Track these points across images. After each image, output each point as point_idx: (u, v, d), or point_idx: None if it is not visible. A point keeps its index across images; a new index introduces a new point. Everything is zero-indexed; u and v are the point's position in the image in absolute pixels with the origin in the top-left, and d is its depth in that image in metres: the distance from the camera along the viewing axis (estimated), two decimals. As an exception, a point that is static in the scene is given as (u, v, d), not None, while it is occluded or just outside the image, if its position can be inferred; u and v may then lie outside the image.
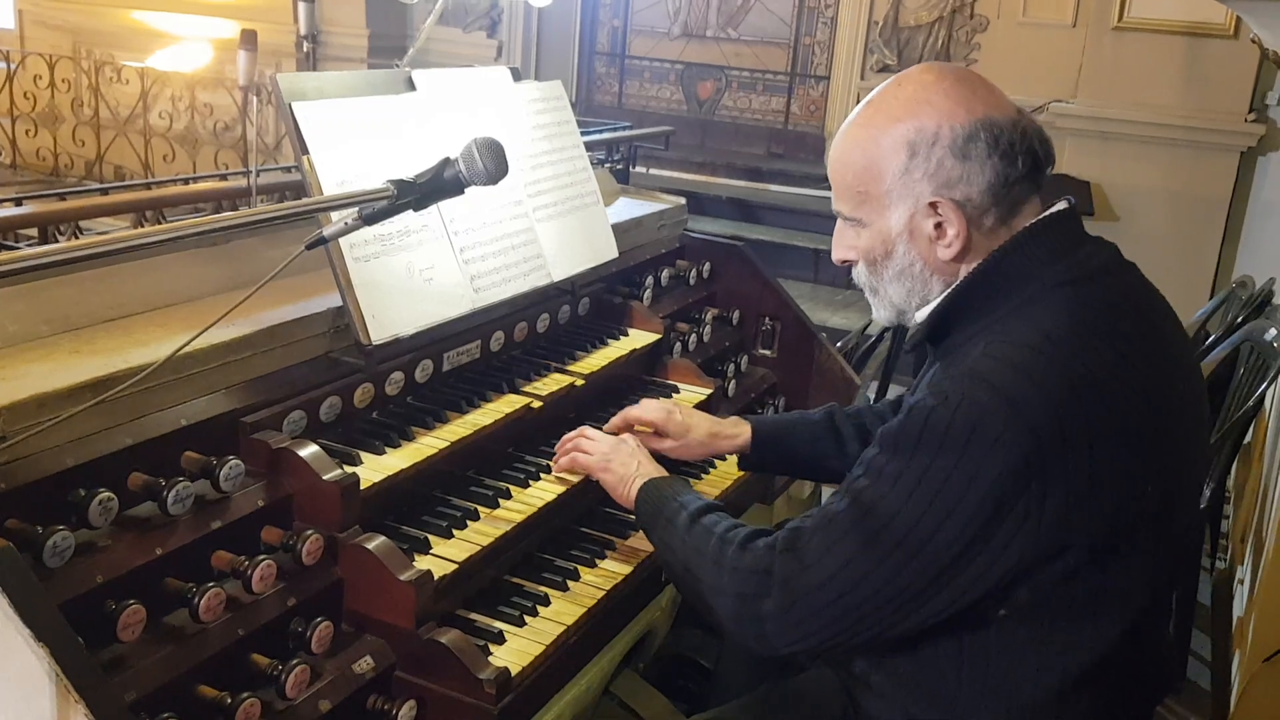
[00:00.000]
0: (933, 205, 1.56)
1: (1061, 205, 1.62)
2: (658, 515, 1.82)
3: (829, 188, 1.73)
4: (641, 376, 2.60)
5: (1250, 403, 3.12)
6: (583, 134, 2.69)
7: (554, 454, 2.13)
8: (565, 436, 2.11)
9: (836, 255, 1.73)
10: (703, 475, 2.37)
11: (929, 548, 1.45)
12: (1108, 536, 1.48)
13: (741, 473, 2.35)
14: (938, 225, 1.58)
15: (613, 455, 2.00)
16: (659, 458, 2.05)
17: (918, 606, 1.50)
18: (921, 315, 1.67)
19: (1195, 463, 1.65)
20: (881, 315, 1.74)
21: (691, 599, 1.75)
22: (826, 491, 2.88)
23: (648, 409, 2.16)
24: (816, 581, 1.52)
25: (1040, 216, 1.60)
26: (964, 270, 1.61)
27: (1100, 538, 1.48)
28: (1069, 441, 1.43)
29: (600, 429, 2.13)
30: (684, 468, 2.31)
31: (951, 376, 1.51)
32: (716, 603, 1.64)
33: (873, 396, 3.96)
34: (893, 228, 1.61)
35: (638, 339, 2.59)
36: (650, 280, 2.75)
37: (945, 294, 1.63)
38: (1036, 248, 1.57)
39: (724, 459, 2.38)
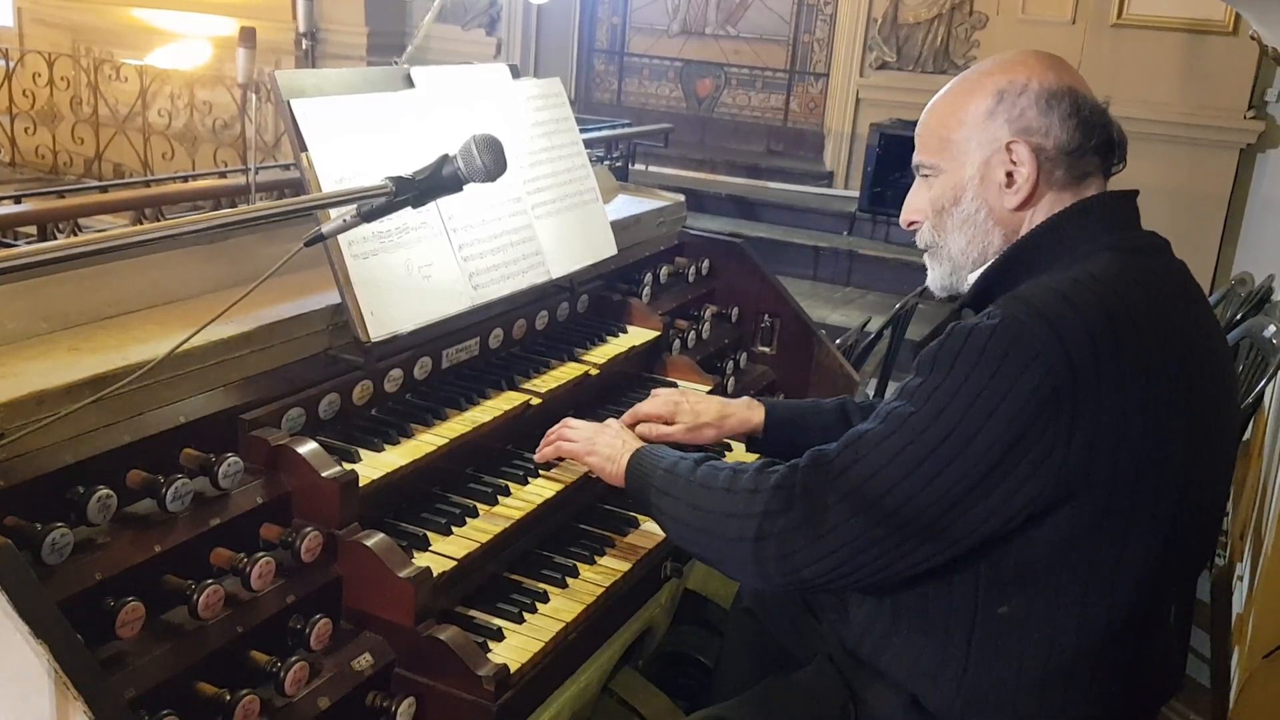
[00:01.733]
0: (1009, 148, 1.63)
1: (1127, 189, 1.68)
2: (653, 473, 1.81)
3: (828, 184, 1.76)
4: (641, 374, 2.60)
5: (1249, 399, 3.12)
6: (581, 131, 2.69)
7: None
8: (549, 431, 2.10)
9: (904, 217, 1.78)
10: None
11: (953, 467, 1.46)
12: (1125, 491, 1.48)
13: (753, 456, 2.33)
14: (1009, 174, 1.64)
15: (596, 437, 1.99)
16: (672, 445, 2.04)
17: (934, 534, 1.49)
18: (974, 277, 1.71)
19: (1221, 451, 1.66)
20: (936, 275, 1.76)
21: (696, 539, 1.71)
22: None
23: (655, 402, 2.15)
24: (839, 494, 1.52)
25: (1106, 193, 1.66)
26: (1026, 226, 1.66)
27: (1118, 490, 1.48)
28: (1102, 373, 1.45)
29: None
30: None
31: (996, 303, 1.53)
32: (730, 529, 1.61)
33: (871, 394, 3.96)
34: (966, 172, 1.67)
35: (637, 336, 2.59)
36: (649, 277, 2.75)
37: (1003, 250, 1.67)
38: (1095, 217, 1.63)
39: (731, 446, 2.38)
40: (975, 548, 1.53)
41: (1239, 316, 4.12)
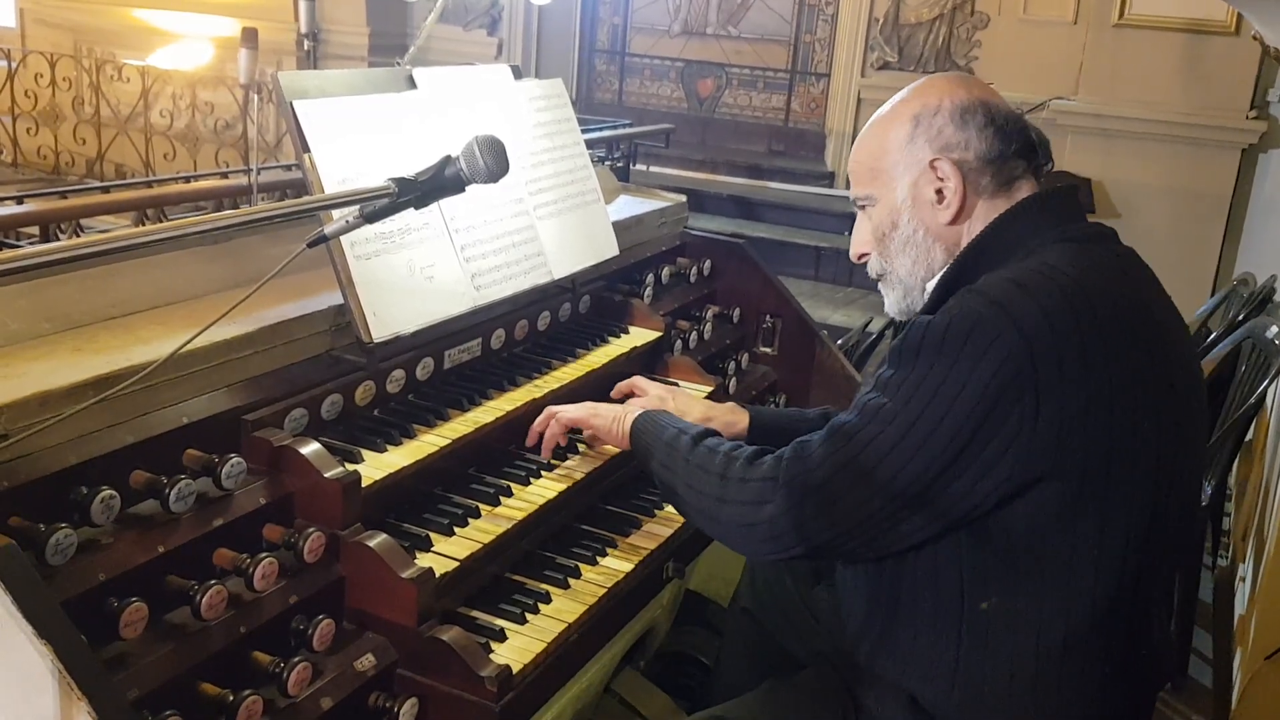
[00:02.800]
0: (933, 166, 1.69)
1: (1064, 185, 1.74)
2: (657, 441, 1.90)
3: (829, 185, 1.80)
4: (643, 374, 2.59)
5: (1252, 400, 3.12)
6: (583, 132, 2.69)
7: (558, 452, 2.14)
8: (536, 422, 2.14)
9: (854, 251, 1.86)
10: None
11: (923, 451, 1.52)
12: (1099, 469, 1.52)
13: None
14: (938, 191, 1.70)
15: (596, 406, 2.09)
16: None
17: (912, 513, 1.55)
18: (931, 285, 1.76)
19: (1192, 429, 1.70)
20: (891, 301, 1.83)
21: (692, 515, 1.83)
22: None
23: (647, 399, 2.18)
24: (817, 481, 1.60)
25: (1042, 190, 1.72)
26: (965, 238, 1.71)
27: (1091, 468, 1.52)
28: (1063, 353, 1.49)
29: None
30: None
31: (953, 298, 1.59)
32: (721, 513, 1.72)
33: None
34: (898, 197, 1.74)
35: (639, 337, 2.59)
36: (651, 278, 2.75)
37: (950, 262, 1.72)
38: (1038, 215, 1.69)
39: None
40: (957, 535, 1.58)
41: (1241, 317, 4.12)
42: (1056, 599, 1.57)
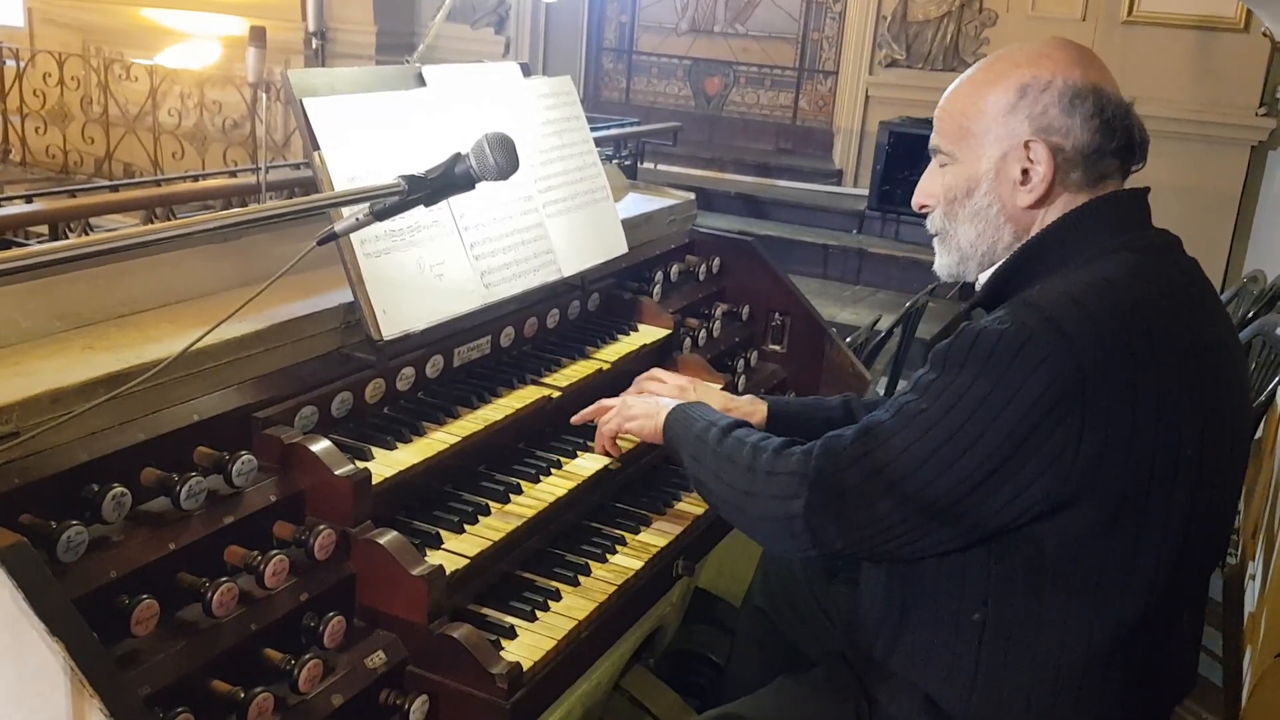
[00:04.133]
0: (1027, 146, 1.61)
1: (1138, 187, 1.67)
2: (687, 434, 1.86)
3: (837, 183, 1.77)
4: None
5: (1261, 398, 3.12)
6: (590, 130, 2.69)
7: (567, 449, 2.15)
8: (583, 415, 2.14)
9: (916, 199, 1.77)
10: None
11: (959, 465, 1.48)
12: (1137, 493, 1.48)
13: None
14: (1025, 172, 1.62)
15: (630, 405, 2.05)
16: None
17: (942, 524, 1.51)
18: (984, 278, 1.71)
19: (1233, 452, 1.66)
20: (943, 263, 1.76)
21: (722, 507, 1.79)
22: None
23: (666, 386, 2.17)
24: (846, 483, 1.55)
25: (1112, 193, 1.64)
26: (1038, 226, 1.65)
27: (1129, 492, 1.48)
28: (1112, 377, 1.44)
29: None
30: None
31: (1007, 305, 1.54)
32: (749, 506, 1.69)
33: (881, 392, 3.95)
34: (981, 166, 1.65)
35: (648, 334, 2.59)
36: (660, 276, 2.75)
37: (1011, 252, 1.66)
38: (1105, 216, 1.62)
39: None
40: (986, 544, 1.54)
41: (1251, 314, 4.11)
42: (1083, 614, 1.54)
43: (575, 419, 2.17)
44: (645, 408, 2.01)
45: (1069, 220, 1.63)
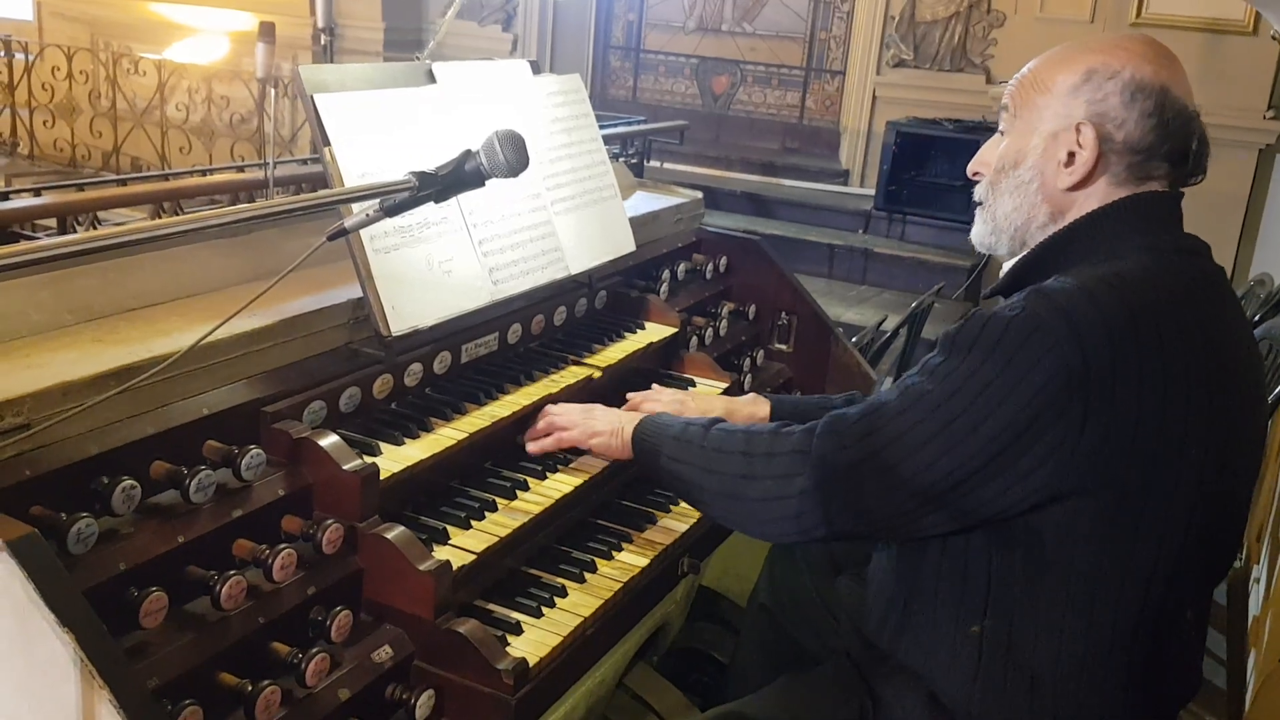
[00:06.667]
0: (1078, 128, 1.62)
1: (1173, 190, 1.68)
2: (663, 438, 1.85)
3: (844, 182, 1.78)
4: (659, 370, 2.60)
5: (1268, 401, 3.11)
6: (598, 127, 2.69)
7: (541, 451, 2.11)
8: (534, 425, 2.10)
9: (971, 166, 1.79)
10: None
11: (961, 447, 1.49)
12: (1137, 490, 1.49)
13: None
14: (1070, 154, 1.63)
15: (590, 419, 2.03)
16: None
17: (940, 506, 1.53)
18: (1009, 265, 1.73)
19: (1244, 458, 1.65)
20: (979, 232, 1.78)
21: (711, 502, 1.78)
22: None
23: (662, 396, 2.17)
24: (848, 461, 1.57)
25: (1146, 193, 1.65)
26: (1074, 212, 1.66)
27: (1129, 488, 1.48)
28: (1118, 371, 1.45)
29: None
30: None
31: (1021, 293, 1.55)
32: (747, 490, 1.68)
33: (887, 392, 3.95)
34: (1032, 140, 1.67)
35: (654, 332, 2.59)
36: (667, 274, 2.76)
37: (1044, 235, 1.67)
38: (1136, 215, 1.63)
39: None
40: (986, 538, 1.56)
41: (1258, 317, 4.11)
42: (1080, 611, 1.55)
43: (528, 436, 2.09)
44: (607, 425, 1.99)
45: (1098, 216, 1.64)
